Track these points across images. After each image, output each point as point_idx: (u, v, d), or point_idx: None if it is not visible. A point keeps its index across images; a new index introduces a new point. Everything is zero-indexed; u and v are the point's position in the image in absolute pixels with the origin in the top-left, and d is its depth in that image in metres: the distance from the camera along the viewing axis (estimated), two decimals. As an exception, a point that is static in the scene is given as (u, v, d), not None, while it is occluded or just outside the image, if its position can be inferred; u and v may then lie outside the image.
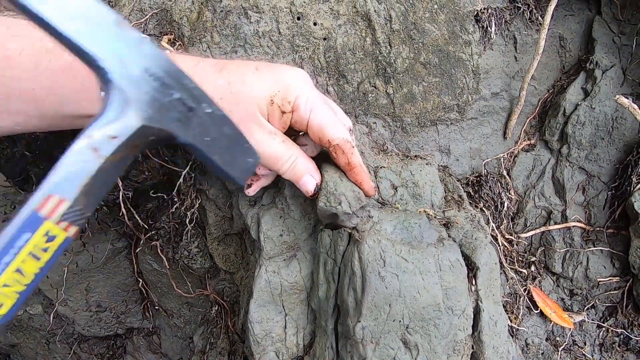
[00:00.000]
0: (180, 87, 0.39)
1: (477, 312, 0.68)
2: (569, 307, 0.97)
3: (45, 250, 0.33)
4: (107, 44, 0.37)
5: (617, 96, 0.81)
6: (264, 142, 0.57)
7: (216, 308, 0.95)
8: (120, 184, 0.72)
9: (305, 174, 0.62)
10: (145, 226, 0.86)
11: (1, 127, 0.55)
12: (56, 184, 0.34)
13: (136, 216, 0.83)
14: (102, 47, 0.37)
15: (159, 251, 0.90)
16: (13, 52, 0.51)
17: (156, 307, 1.06)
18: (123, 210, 0.76)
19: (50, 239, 0.33)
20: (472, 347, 0.68)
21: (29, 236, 0.32)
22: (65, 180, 0.34)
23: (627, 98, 0.84)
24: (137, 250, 0.97)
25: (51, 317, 1.02)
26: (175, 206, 0.82)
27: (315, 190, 0.63)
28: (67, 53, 0.52)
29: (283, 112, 0.58)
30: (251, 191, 0.69)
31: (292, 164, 0.60)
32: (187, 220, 0.83)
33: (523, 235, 0.97)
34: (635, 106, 0.81)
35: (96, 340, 1.13)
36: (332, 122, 0.60)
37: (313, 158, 0.66)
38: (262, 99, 0.56)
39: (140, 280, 1.02)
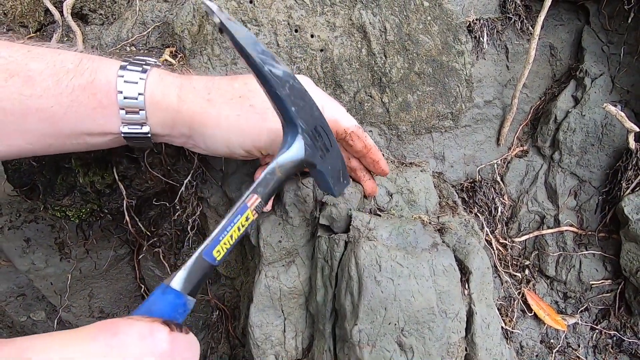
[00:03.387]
0: (325, 136, 0.59)
1: (470, 315, 0.70)
2: (563, 309, 0.99)
3: (243, 225, 0.53)
4: (304, 116, 0.56)
5: (605, 104, 0.84)
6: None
7: (217, 313, 0.97)
8: (124, 192, 0.75)
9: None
10: (148, 233, 0.88)
11: (11, 147, 0.56)
12: (256, 187, 0.54)
13: (139, 223, 0.85)
14: (299, 109, 0.55)
15: (161, 257, 0.91)
16: (34, 72, 0.53)
17: (158, 313, 1.08)
18: (127, 217, 0.78)
19: (247, 219, 0.54)
20: (466, 349, 0.70)
21: (239, 217, 0.53)
22: (261, 186, 0.55)
23: (615, 106, 0.86)
24: (140, 256, 0.99)
25: (55, 323, 1.04)
26: (177, 214, 0.84)
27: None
28: (88, 73, 0.55)
29: None
30: (269, 207, 0.74)
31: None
32: (189, 227, 0.85)
33: (517, 239, 0.99)
34: (622, 114, 0.84)
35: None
36: (343, 113, 0.66)
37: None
38: None
39: (142, 286, 1.03)
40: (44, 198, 0.75)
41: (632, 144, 0.87)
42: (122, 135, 0.59)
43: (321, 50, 0.84)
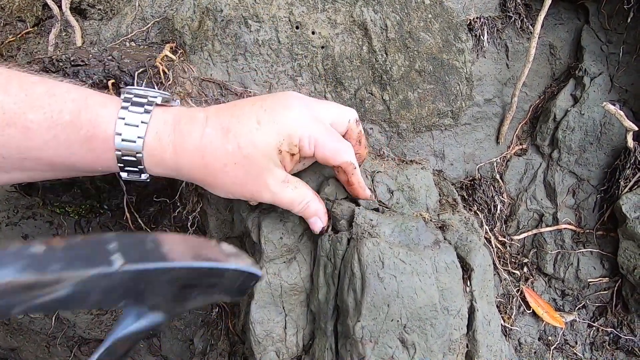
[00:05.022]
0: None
1: (471, 312, 0.71)
2: (561, 307, 1.00)
3: None
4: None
5: (605, 103, 0.84)
6: (279, 192, 0.64)
7: (216, 310, 0.96)
8: (124, 188, 0.74)
9: (315, 216, 0.69)
10: (148, 230, 0.88)
11: (11, 178, 0.58)
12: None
13: (139, 220, 0.84)
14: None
15: (161, 254, 0.91)
16: (33, 124, 0.53)
17: (156, 310, 1.07)
18: (127, 214, 0.78)
19: None
20: (467, 346, 0.70)
21: None
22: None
23: (614, 105, 0.87)
24: (139, 253, 0.98)
25: (52, 320, 1.03)
26: (177, 210, 0.84)
27: (321, 230, 0.71)
28: (86, 128, 0.55)
29: (292, 155, 0.63)
30: None
31: (303, 206, 0.67)
32: (189, 224, 0.85)
33: (516, 237, 1.00)
34: (622, 112, 0.84)
35: (97, 343, 1.14)
36: (334, 150, 0.64)
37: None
38: (272, 151, 0.61)
39: (141, 283, 1.03)
40: (43, 194, 0.75)
41: (631, 142, 0.88)
42: (123, 181, 0.63)
43: (322, 47, 0.84)
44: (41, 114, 0.53)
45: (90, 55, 0.73)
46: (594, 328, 0.98)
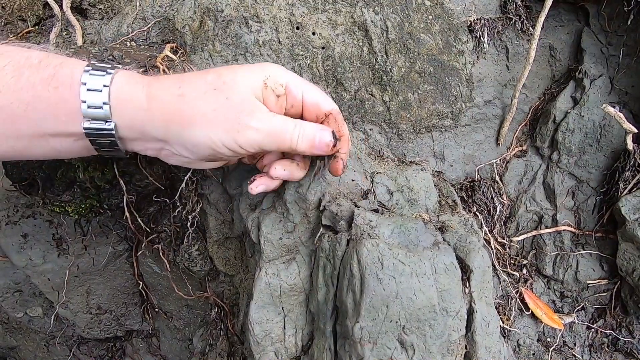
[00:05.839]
0: None
1: (470, 313, 0.71)
2: (560, 308, 1.00)
3: None
4: None
5: (604, 105, 0.84)
6: (265, 120, 0.57)
7: (216, 310, 0.97)
8: (124, 188, 0.74)
9: (315, 133, 0.60)
10: (148, 229, 0.88)
11: None
12: None
13: (139, 219, 0.84)
14: None
15: (161, 254, 0.91)
16: None
17: (156, 310, 1.08)
18: (127, 213, 0.78)
19: None
20: (466, 347, 0.70)
21: None
22: None
23: (614, 107, 0.87)
24: (138, 253, 0.98)
25: (52, 320, 1.03)
26: (177, 210, 0.84)
27: (334, 140, 0.61)
28: (52, 68, 0.52)
29: (278, 96, 0.59)
30: (254, 187, 0.67)
31: (299, 130, 0.59)
32: (189, 223, 0.85)
33: (515, 238, 1.00)
34: (621, 115, 0.84)
35: (96, 342, 1.14)
36: (324, 97, 0.63)
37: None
38: (255, 83, 0.57)
39: (141, 282, 1.03)
40: (43, 193, 0.75)
41: (630, 145, 0.88)
42: (85, 133, 0.54)
43: (322, 48, 0.84)
44: (7, 59, 0.52)
45: (91, 55, 0.74)
46: (593, 330, 0.98)
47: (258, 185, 0.66)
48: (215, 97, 0.55)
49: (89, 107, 0.53)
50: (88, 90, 0.53)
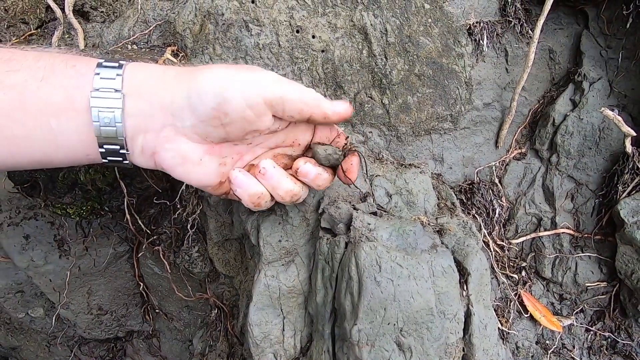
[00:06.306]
0: None
1: (468, 316, 0.71)
2: (559, 311, 1.00)
3: None
4: None
5: (603, 108, 0.85)
6: (282, 79, 0.54)
7: (216, 311, 0.97)
8: (125, 190, 0.75)
9: (330, 104, 0.57)
10: (148, 231, 0.88)
11: None
12: None
13: (139, 221, 0.85)
14: None
15: (161, 255, 0.92)
16: (16, 55, 0.51)
17: (156, 311, 1.08)
18: (127, 215, 0.78)
19: None
20: (463, 350, 0.70)
21: None
22: None
23: (613, 110, 0.87)
24: (139, 254, 0.99)
25: (53, 320, 1.04)
26: (177, 212, 0.84)
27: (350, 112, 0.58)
28: (70, 58, 0.53)
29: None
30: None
31: (315, 94, 0.56)
32: (189, 225, 0.86)
33: (514, 241, 1.00)
34: (620, 118, 0.85)
35: (96, 342, 1.15)
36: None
37: None
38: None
39: (141, 283, 1.04)
40: (45, 195, 0.75)
41: (629, 147, 0.88)
42: (91, 96, 0.51)
43: (322, 51, 0.84)
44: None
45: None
46: (592, 332, 0.98)
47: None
48: (226, 64, 0.56)
49: (101, 78, 0.52)
50: (102, 66, 0.53)
